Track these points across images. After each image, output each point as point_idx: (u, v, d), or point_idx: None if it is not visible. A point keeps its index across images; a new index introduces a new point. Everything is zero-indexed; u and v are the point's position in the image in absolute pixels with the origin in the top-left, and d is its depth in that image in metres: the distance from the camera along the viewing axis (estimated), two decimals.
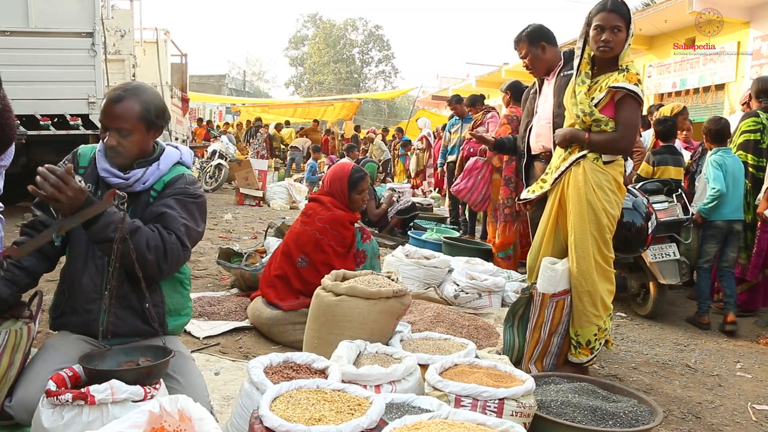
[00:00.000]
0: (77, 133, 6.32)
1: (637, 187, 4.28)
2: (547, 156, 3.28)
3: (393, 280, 2.75)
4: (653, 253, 4.28)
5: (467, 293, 3.98)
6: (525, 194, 3.18)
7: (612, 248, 2.84)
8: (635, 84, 2.72)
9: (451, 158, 7.66)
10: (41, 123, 6.23)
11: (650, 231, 3.81)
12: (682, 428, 2.65)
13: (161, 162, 2.08)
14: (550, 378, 2.53)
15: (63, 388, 1.65)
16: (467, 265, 4.36)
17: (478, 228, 7.23)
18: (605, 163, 2.79)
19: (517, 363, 2.89)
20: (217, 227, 7.05)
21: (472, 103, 7.36)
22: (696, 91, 10.71)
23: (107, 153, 2.03)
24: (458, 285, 4.03)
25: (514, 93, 5.62)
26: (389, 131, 18.12)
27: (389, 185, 10.52)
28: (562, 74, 3.28)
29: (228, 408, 2.27)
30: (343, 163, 3.76)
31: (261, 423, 1.57)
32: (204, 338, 3.15)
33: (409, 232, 6.14)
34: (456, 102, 7.86)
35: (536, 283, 2.87)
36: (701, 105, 10.47)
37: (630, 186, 4.06)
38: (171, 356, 1.80)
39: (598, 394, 2.34)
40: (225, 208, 9.07)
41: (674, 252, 4.34)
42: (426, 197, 10.29)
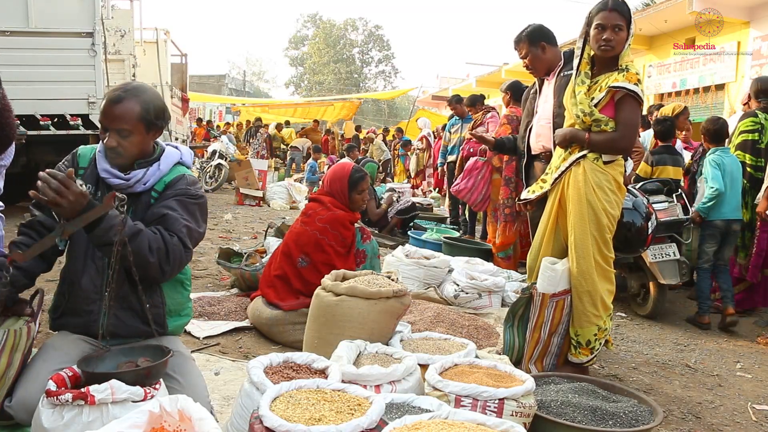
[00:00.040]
0: (77, 133, 6.33)
1: (637, 187, 4.28)
2: (547, 156, 3.28)
3: (393, 280, 2.75)
4: (653, 253, 4.28)
5: (467, 293, 3.98)
6: (525, 194, 3.18)
7: (612, 248, 2.84)
8: (635, 84, 2.72)
9: (451, 158, 7.66)
10: (41, 123, 6.23)
11: (650, 231, 3.82)
12: (682, 428, 2.65)
13: (162, 162, 2.08)
14: (550, 378, 2.53)
15: (63, 388, 1.65)
16: (467, 265, 4.36)
17: (478, 228, 7.23)
18: (605, 163, 2.79)
19: (517, 363, 2.89)
20: (217, 227, 7.05)
21: (472, 103, 7.36)
22: (696, 91, 10.72)
23: (107, 154, 2.02)
24: (458, 285, 4.03)
25: (514, 93, 5.62)
26: (390, 131, 18.13)
27: (389, 185, 10.52)
28: (563, 74, 3.28)
29: (228, 408, 2.27)
30: (343, 163, 3.76)
31: (261, 423, 1.57)
32: (204, 338, 3.15)
33: (409, 232, 6.14)
34: (456, 102, 7.86)
35: (536, 283, 2.87)
36: (701, 105, 10.47)
37: (630, 186, 4.06)
38: (169, 356, 1.80)
39: (598, 394, 2.34)
40: (225, 208, 9.07)
41: (674, 252, 4.35)
42: (426, 197, 10.28)
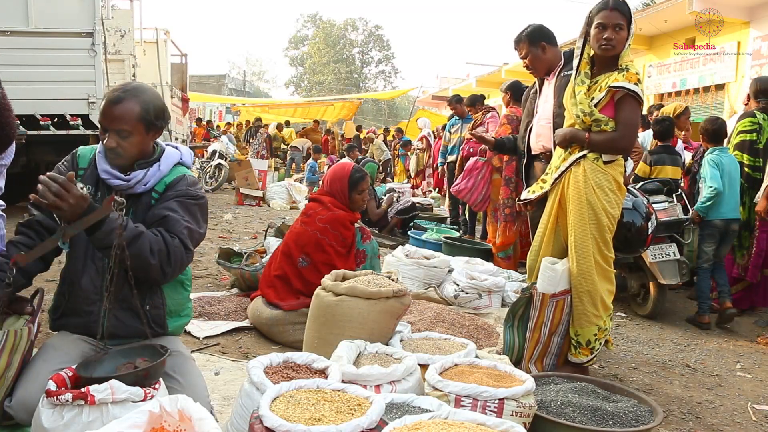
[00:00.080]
0: (77, 133, 6.32)
1: (637, 187, 4.28)
2: (548, 156, 3.28)
3: (393, 280, 2.75)
4: (653, 253, 4.28)
5: (467, 293, 3.98)
6: (525, 194, 3.18)
7: (612, 248, 2.84)
8: (635, 83, 2.72)
9: (451, 158, 7.66)
10: (41, 123, 6.22)
11: (650, 231, 3.82)
12: (682, 428, 2.65)
13: (162, 163, 2.07)
14: (550, 378, 2.53)
15: (63, 388, 1.65)
16: (467, 265, 4.36)
17: (478, 228, 7.23)
18: (605, 163, 2.79)
19: (517, 363, 2.89)
20: (217, 227, 7.05)
21: (472, 103, 7.36)
22: (696, 91, 10.72)
23: (107, 154, 2.02)
24: (458, 285, 4.03)
25: (514, 93, 5.62)
26: (390, 131, 18.13)
27: (389, 185, 10.52)
28: (563, 74, 3.28)
29: (228, 408, 2.27)
30: (343, 163, 3.76)
31: (261, 423, 1.57)
32: (204, 338, 3.15)
33: (409, 232, 6.14)
34: (456, 102, 7.86)
35: (536, 283, 2.87)
36: (701, 105, 10.48)
37: (630, 186, 4.06)
38: (167, 355, 1.80)
39: (598, 394, 2.34)
40: (225, 208, 9.07)
41: (674, 252, 4.35)
42: (426, 197, 10.28)
